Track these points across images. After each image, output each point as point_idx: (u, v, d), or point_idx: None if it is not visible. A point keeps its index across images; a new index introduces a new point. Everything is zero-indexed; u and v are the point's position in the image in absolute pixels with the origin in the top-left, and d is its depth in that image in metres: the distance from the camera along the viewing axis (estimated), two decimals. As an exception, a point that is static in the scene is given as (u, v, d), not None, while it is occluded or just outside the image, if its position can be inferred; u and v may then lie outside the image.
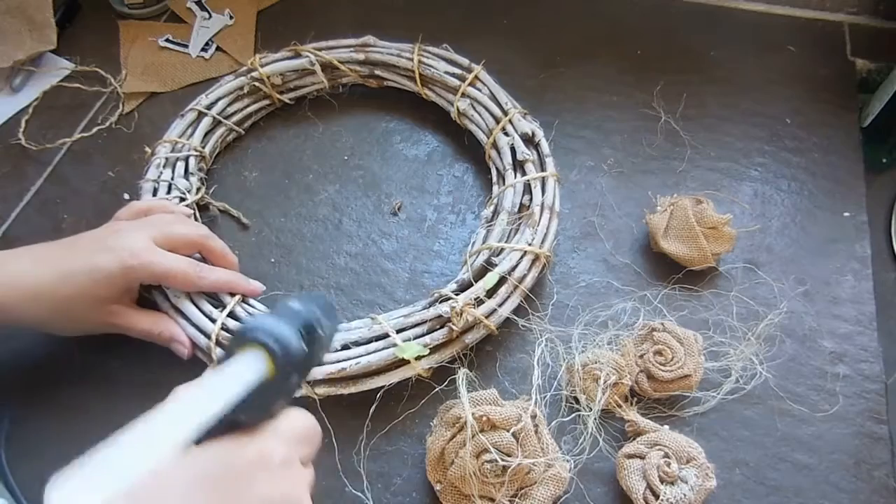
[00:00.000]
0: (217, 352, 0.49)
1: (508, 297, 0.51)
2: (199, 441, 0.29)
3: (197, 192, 0.59)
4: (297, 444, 0.32)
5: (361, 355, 0.48)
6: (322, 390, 0.48)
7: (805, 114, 0.65)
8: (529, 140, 0.58)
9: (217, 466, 0.28)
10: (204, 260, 0.52)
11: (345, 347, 0.49)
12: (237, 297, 0.51)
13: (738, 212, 0.58)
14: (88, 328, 0.49)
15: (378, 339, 0.49)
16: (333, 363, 0.47)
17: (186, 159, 0.60)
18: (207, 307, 0.50)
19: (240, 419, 0.30)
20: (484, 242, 0.53)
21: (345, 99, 0.68)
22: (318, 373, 0.47)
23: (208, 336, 0.49)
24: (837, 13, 0.73)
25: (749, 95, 0.67)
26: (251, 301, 0.53)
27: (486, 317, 0.49)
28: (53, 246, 0.48)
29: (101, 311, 0.48)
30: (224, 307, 0.50)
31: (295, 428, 0.32)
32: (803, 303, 0.54)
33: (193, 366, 0.50)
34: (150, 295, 0.51)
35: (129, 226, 0.50)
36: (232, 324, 0.50)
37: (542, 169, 0.57)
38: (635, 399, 0.48)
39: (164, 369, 0.51)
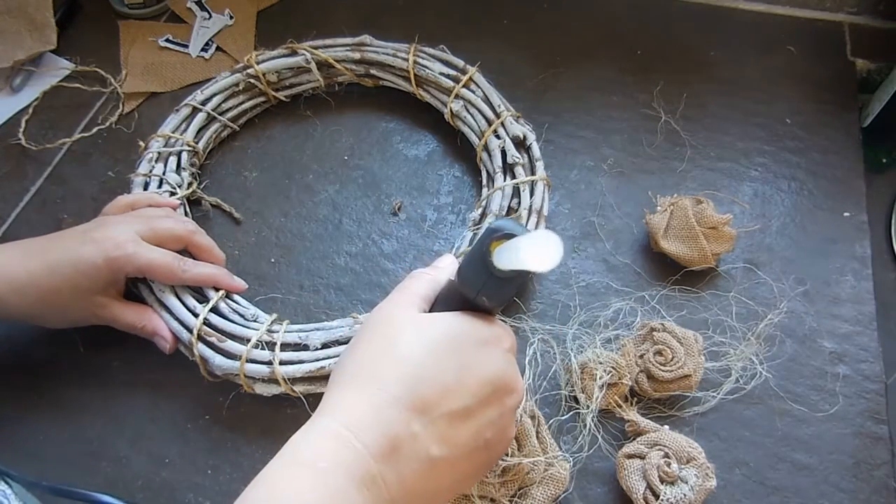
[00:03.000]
0: (198, 348, 0.49)
1: None
2: (451, 310, 0.35)
3: (189, 187, 0.59)
4: (513, 342, 0.37)
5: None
6: (301, 388, 0.48)
7: (805, 114, 0.65)
8: (521, 143, 0.58)
9: (462, 330, 0.34)
10: (193, 255, 0.52)
11: (325, 346, 0.49)
12: (221, 293, 0.52)
13: (738, 212, 0.58)
14: (75, 319, 0.50)
15: None
16: (313, 361, 0.48)
17: (179, 154, 0.60)
18: (191, 302, 0.51)
19: (482, 302, 0.34)
20: (469, 245, 0.54)
21: (342, 98, 0.68)
22: (298, 371, 0.47)
23: (190, 330, 0.49)
24: (837, 13, 0.73)
25: (749, 95, 0.67)
26: (235, 297, 0.53)
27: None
28: (40, 240, 0.49)
29: (87, 303, 0.48)
30: (207, 302, 0.51)
31: (510, 334, 0.37)
32: (803, 303, 0.54)
33: (193, 367, 0.50)
34: (136, 289, 0.52)
35: (115, 219, 0.51)
36: (214, 319, 0.50)
37: (532, 173, 0.57)
38: (635, 399, 0.48)
39: (165, 370, 0.52)
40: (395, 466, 0.30)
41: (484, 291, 0.33)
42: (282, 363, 0.48)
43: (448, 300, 0.36)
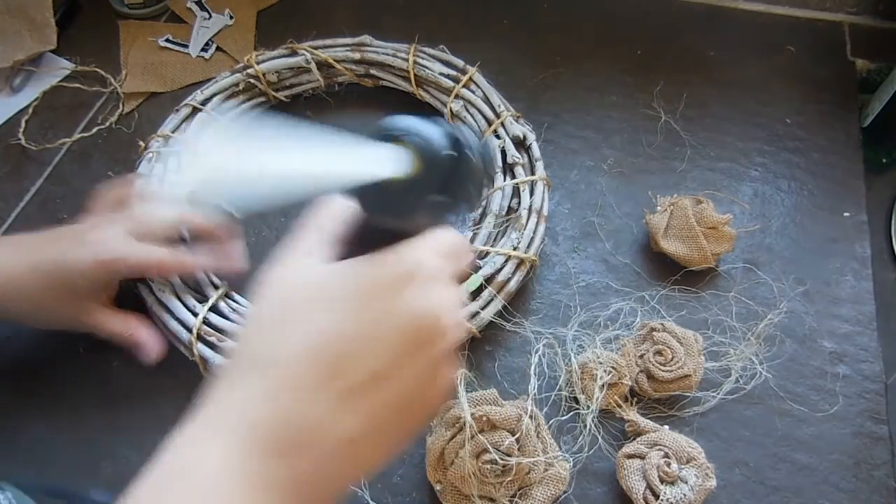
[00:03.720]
0: (198, 348, 0.49)
1: (491, 300, 0.51)
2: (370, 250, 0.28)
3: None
4: (443, 258, 0.29)
5: None
6: None
7: (805, 114, 0.65)
8: (521, 143, 0.58)
9: (362, 280, 0.27)
10: (194, 239, 0.52)
11: None
12: (220, 292, 0.52)
13: (738, 212, 0.58)
14: (61, 322, 0.49)
15: None
16: None
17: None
18: (191, 301, 0.51)
19: (389, 222, 0.29)
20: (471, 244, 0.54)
21: (341, 98, 0.68)
22: None
23: (190, 330, 0.49)
24: (837, 13, 0.73)
25: (749, 95, 0.67)
26: (235, 296, 0.53)
27: (469, 319, 0.50)
28: (34, 237, 0.48)
29: (72, 307, 0.47)
30: (207, 301, 0.51)
31: (440, 244, 0.29)
32: (803, 303, 0.54)
33: (194, 367, 0.50)
34: (136, 290, 0.52)
35: (105, 220, 0.50)
36: (214, 318, 0.50)
37: (532, 173, 0.57)
38: (635, 399, 0.48)
39: (165, 370, 0.51)
40: (301, 459, 0.26)
41: (388, 211, 0.28)
42: (282, 363, 0.48)
43: (364, 241, 0.30)
